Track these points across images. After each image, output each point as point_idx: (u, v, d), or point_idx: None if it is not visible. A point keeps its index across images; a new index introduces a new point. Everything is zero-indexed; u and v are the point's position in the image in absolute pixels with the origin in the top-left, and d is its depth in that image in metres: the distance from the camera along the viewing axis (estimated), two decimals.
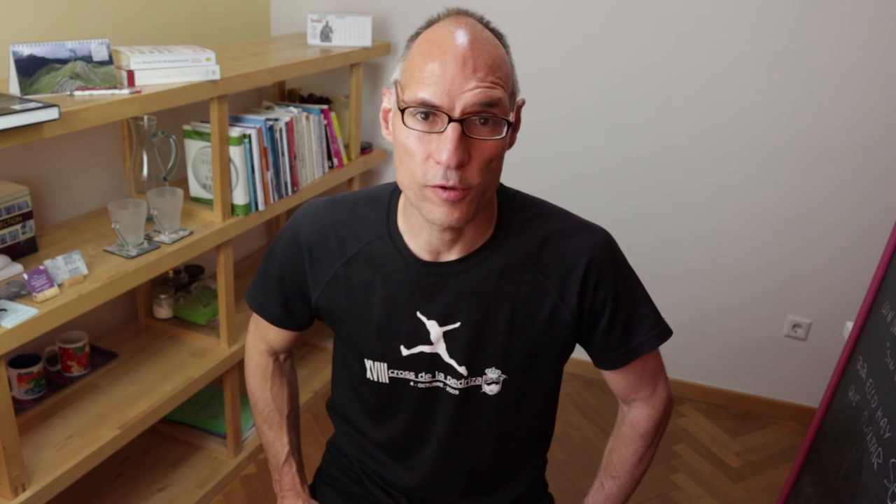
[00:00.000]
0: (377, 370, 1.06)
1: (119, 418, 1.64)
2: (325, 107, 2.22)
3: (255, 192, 1.90)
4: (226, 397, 2.01)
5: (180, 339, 1.99)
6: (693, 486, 2.16)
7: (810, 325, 2.37)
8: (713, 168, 2.29)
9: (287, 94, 2.49)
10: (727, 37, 2.15)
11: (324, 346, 2.62)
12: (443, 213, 0.87)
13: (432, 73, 0.83)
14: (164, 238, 1.70)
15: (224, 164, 1.79)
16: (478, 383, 1.04)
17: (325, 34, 2.29)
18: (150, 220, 1.68)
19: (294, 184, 2.06)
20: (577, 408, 2.48)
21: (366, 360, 1.07)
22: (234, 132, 1.82)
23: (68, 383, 1.74)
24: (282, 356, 1.22)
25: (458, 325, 1.00)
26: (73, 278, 1.47)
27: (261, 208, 1.93)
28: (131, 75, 1.55)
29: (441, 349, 1.02)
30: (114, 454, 1.62)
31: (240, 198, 1.86)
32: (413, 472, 1.13)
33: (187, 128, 1.87)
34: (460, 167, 0.84)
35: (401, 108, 0.87)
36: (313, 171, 2.17)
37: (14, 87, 1.40)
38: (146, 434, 1.81)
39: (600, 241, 1.02)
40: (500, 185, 1.01)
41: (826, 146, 2.16)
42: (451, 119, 0.83)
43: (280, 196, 2.01)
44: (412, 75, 0.85)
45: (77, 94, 1.44)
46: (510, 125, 0.87)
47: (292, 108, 2.09)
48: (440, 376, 1.04)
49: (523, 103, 0.95)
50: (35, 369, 1.65)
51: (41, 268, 1.41)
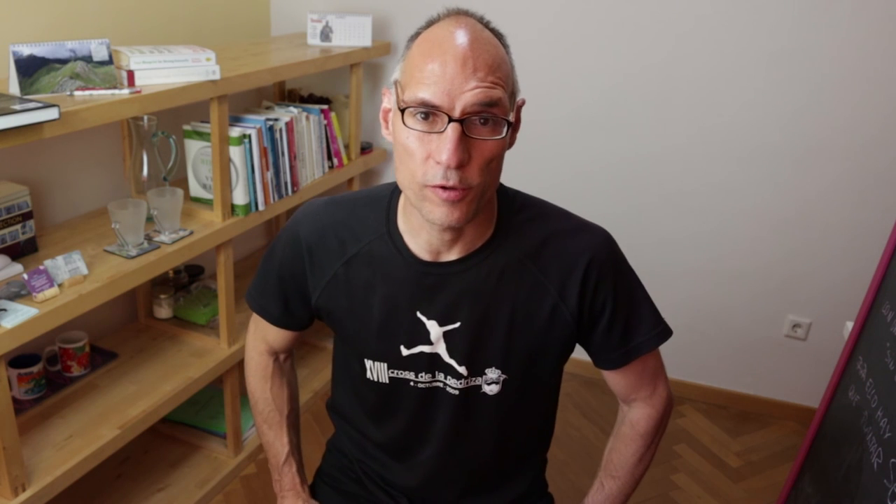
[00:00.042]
0: (377, 370, 1.06)
1: (119, 418, 1.64)
2: (325, 107, 2.22)
3: (255, 192, 1.90)
4: (226, 397, 2.01)
5: (180, 339, 1.99)
6: (693, 486, 2.16)
7: (810, 325, 2.37)
8: (713, 168, 2.30)
9: (287, 94, 2.49)
10: (727, 37, 2.15)
11: (324, 346, 2.62)
12: (443, 214, 0.87)
13: (432, 73, 0.83)
14: (164, 238, 1.70)
15: (224, 164, 1.79)
16: (478, 383, 1.04)
17: (325, 34, 2.29)
18: (150, 220, 1.68)
19: (294, 184, 2.06)
20: (577, 408, 2.48)
21: (366, 360, 1.06)
22: (234, 132, 1.82)
23: (68, 383, 1.74)
24: (282, 356, 1.22)
25: (458, 324, 1.00)
26: (73, 278, 1.47)
27: (261, 208, 1.93)
28: (131, 75, 1.55)
29: (441, 349, 1.02)
30: (114, 454, 1.62)
31: (240, 198, 1.86)
32: (413, 472, 1.13)
33: (187, 128, 1.87)
34: (460, 167, 0.84)
35: (401, 108, 0.87)
36: (313, 171, 2.17)
37: (14, 87, 1.40)
38: (146, 434, 1.81)
39: (600, 241, 1.02)
40: (501, 185, 1.00)
41: (826, 146, 2.16)
42: (451, 119, 0.83)
43: (280, 196, 2.01)
44: (412, 75, 0.85)
45: (77, 94, 1.44)
46: (510, 125, 0.87)
47: (292, 108, 2.09)
48: (440, 376, 1.04)
49: (523, 103, 0.95)
50: (35, 369, 1.65)
51: (41, 268, 1.41)
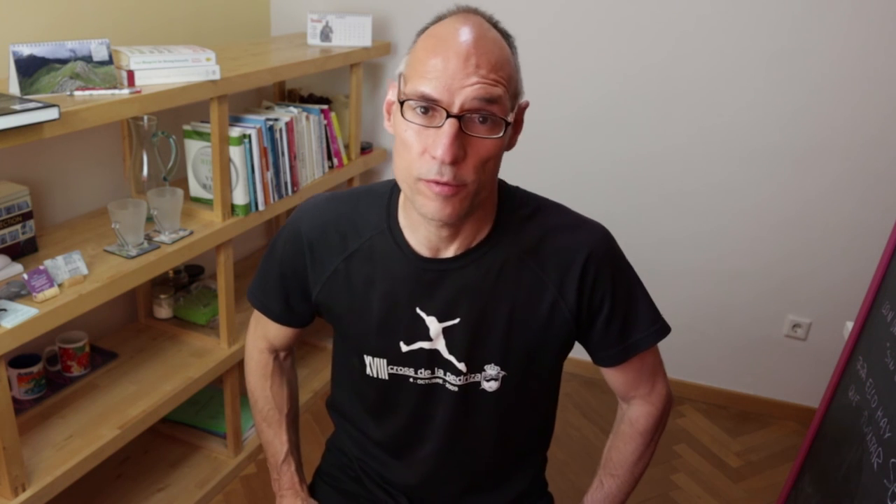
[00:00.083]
0: (377, 366, 1.06)
1: (119, 418, 1.64)
2: (325, 107, 2.22)
3: (255, 192, 1.90)
4: (226, 397, 2.01)
5: (180, 339, 1.99)
6: (693, 486, 2.16)
7: (810, 325, 2.37)
8: (713, 168, 2.30)
9: (287, 94, 2.49)
10: (727, 37, 2.15)
11: (324, 346, 2.62)
12: (435, 208, 0.88)
13: (434, 68, 0.84)
14: (164, 238, 1.70)
15: (224, 164, 1.79)
16: (477, 380, 1.04)
17: (325, 34, 2.29)
18: (150, 220, 1.68)
19: (294, 184, 2.06)
20: (577, 408, 2.48)
21: (365, 356, 1.07)
22: (234, 132, 1.82)
23: (68, 383, 1.74)
24: (282, 354, 1.22)
25: (457, 321, 1.01)
26: (73, 278, 1.47)
27: (261, 208, 1.93)
28: (131, 75, 1.55)
29: (440, 345, 1.02)
30: (114, 454, 1.62)
31: (240, 198, 1.86)
32: (412, 469, 1.13)
33: (187, 128, 1.87)
34: (455, 163, 0.85)
35: (400, 100, 0.87)
36: (313, 171, 2.17)
37: (14, 87, 1.40)
38: (146, 434, 1.81)
39: (598, 238, 1.02)
40: (501, 181, 1.01)
41: (826, 146, 2.16)
42: (449, 114, 0.83)
43: (280, 196, 2.01)
44: (415, 69, 0.86)
45: (77, 94, 1.44)
46: (508, 125, 0.88)
47: (292, 108, 2.09)
48: (439, 373, 1.04)
49: (527, 106, 0.95)
50: (35, 369, 1.65)
51: (41, 268, 1.41)
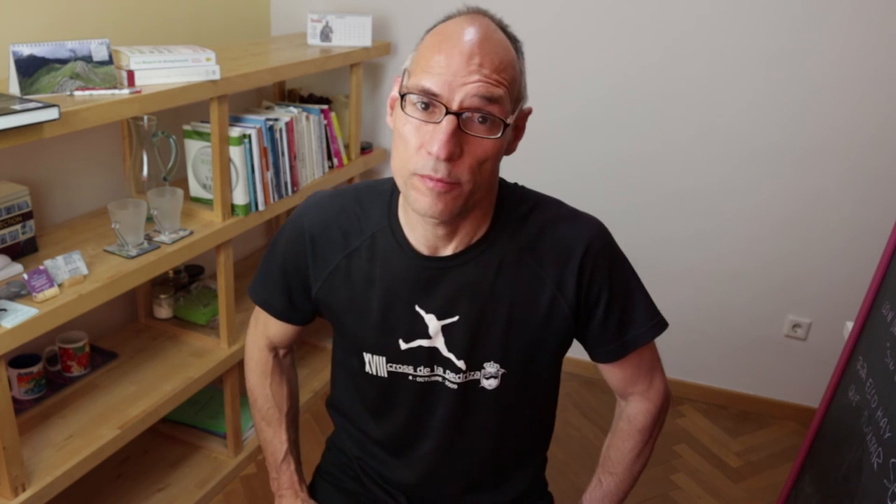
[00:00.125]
0: (376, 364, 1.07)
1: (119, 418, 1.64)
2: (325, 107, 2.22)
3: (255, 192, 1.90)
4: (226, 397, 2.01)
5: (180, 339, 1.99)
6: (693, 486, 2.16)
7: (810, 325, 2.37)
8: (713, 168, 2.30)
9: (287, 94, 2.49)
10: (727, 37, 2.15)
11: (324, 346, 2.62)
12: (427, 203, 0.88)
13: (437, 64, 0.85)
14: (164, 238, 1.70)
15: (224, 164, 1.79)
16: (476, 377, 1.04)
17: (325, 34, 2.29)
18: (150, 220, 1.68)
19: (294, 184, 2.06)
20: (577, 408, 2.48)
21: (364, 353, 1.07)
22: (234, 132, 1.82)
23: (68, 383, 1.74)
24: (282, 352, 1.22)
25: (456, 318, 1.01)
26: (73, 278, 1.47)
27: (261, 208, 1.93)
28: (131, 75, 1.55)
29: (439, 343, 1.02)
30: (114, 454, 1.62)
31: (240, 198, 1.86)
32: (412, 467, 1.13)
33: (187, 128, 1.87)
34: (450, 160, 0.85)
35: (401, 93, 0.88)
36: (313, 171, 2.17)
37: (14, 87, 1.40)
38: (146, 434, 1.81)
39: (596, 231, 1.02)
40: (500, 179, 1.01)
41: (826, 146, 2.16)
42: (448, 111, 0.84)
43: (280, 196, 2.01)
44: (419, 64, 0.87)
45: (77, 94, 1.44)
46: (507, 127, 0.88)
47: (292, 108, 2.09)
48: (438, 370, 1.05)
49: (529, 112, 0.96)
50: (35, 369, 1.65)
51: (41, 268, 1.41)
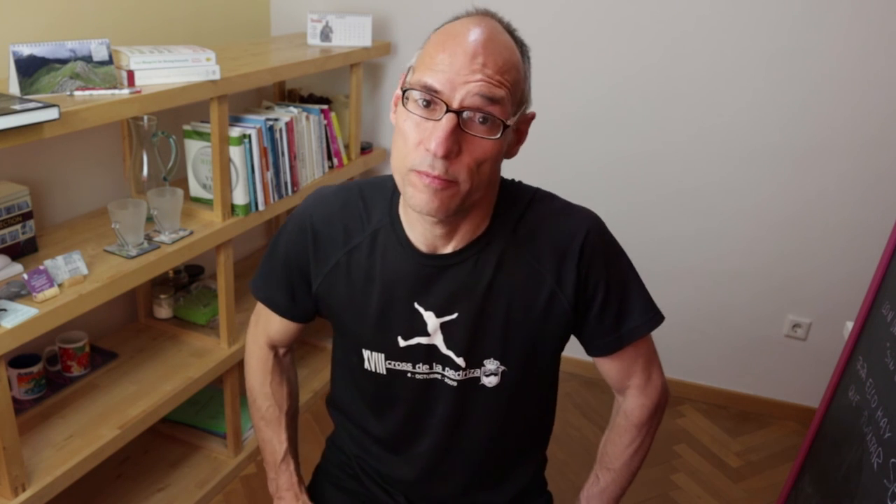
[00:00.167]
0: (375, 360, 1.07)
1: (119, 418, 1.64)
2: (325, 107, 2.22)
3: (255, 192, 1.90)
4: (226, 397, 2.01)
5: (180, 339, 1.99)
6: (693, 486, 2.16)
7: (810, 325, 2.37)
8: (713, 168, 2.30)
9: (287, 94, 2.49)
10: (727, 37, 2.15)
11: (323, 346, 2.62)
12: (423, 200, 0.88)
13: (441, 62, 0.85)
14: (164, 238, 1.70)
15: (224, 164, 1.79)
16: (476, 375, 1.04)
17: (325, 34, 2.29)
18: (150, 220, 1.68)
19: (294, 184, 2.06)
20: (577, 408, 2.48)
21: (363, 350, 1.07)
22: (234, 132, 1.82)
23: (68, 383, 1.74)
24: (282, 351, 1.22)
25: (455, 316, 1.01)
26: (73, 278, 1.47)
27: (261, 208, 1.93)
28: (131, 75, 1.55)
29: (438, 340, 1.02)
30: (114, 454, 1.62)
31: (240, 198, 1.86)
32: (411, 464, 1.13)
33: (187, 128, 1.87)
34: (448, 157, 0.85)
35: (403, 89, 0.89)
36: (313, 171, 2.17)
37: (14, 87, 1.40)
38: (146, 434, 1.81)
39: (592, 224, 1.03)
40: (501, 177, 1.01)
41: (826, 146, 2.16)
42: (448, 109, 0.84)
43: (280, 196, 2.01)
44: (423, 61, 0.88)
45: (77, 94, 1.44)
46: (507, 128, 0.88)
47: (292, 108, 2.09)
48: (437, 368, 1.05)
49: (532, 117, 0.96)
50: (35, 369, 1.65)
51: (41, 268, 1.41)
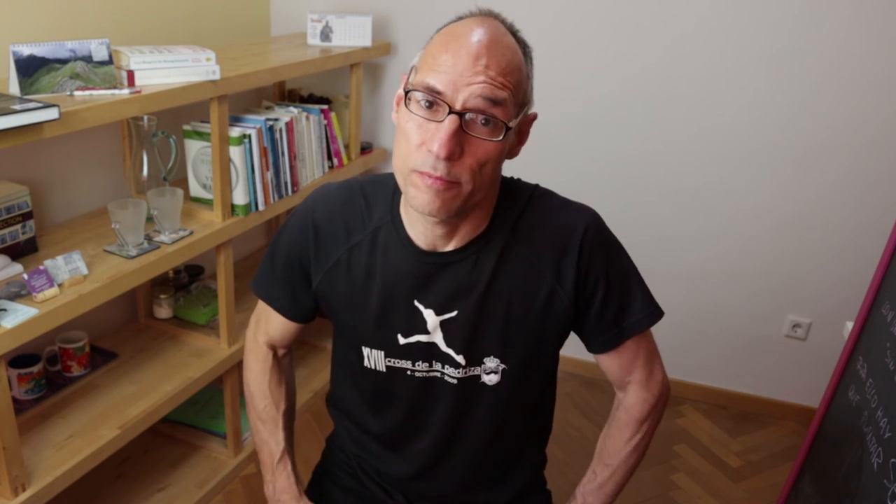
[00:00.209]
0: (374, 358, 1.07)
1: (119, 418, 1.64)
2: (325, 107, 2.22)
3: (255, 192, 1.90)
4: (226, 397, 2.01)
5: (180, 339, 1.99)
6: (693, 486, 2.16)
7: (810, 325, 2.37)
8: (713, 168, 2.30)
9: (287, 94, 2.49)
10: (727, 37, 2.15)
11: (323, 346, 2.62)
12: (425, 200, 0.88)
13: (444, 63, 0.85)
14: (164, 238, 1.70)
15: (224, 164, 1.79)
16: (476, 373, 1.05)
17: (325, 34, 2.29)
18: (150, 220, 1.68)
19: (294, 184, 2.06)
20: (577, 408, 2.48)
21: (363, 348, 1.07)
22: (234, 132, 1.82)
23: (68, 383, 1.74)
24: (281, 352, 1.22)
25: (454, 314, 1.01)
26: (73, 278, 1.47)
27: (261, 208, 1.93)
28: (131, 75, 1.55)
29: (438, 338, 1.03)
30: (114, 454, 1.62)
31: (240, 198, 1.86)
32: (409, 462, 1.13)
33: (187, 128, 1.87)
34: (450, 159, 0.85)
35: (406, 90, 0.89)
36: (313, 171, 2.17)
37: (14, 87, 1.40)
38: (146, 434, 1.81)
39: (590, 219, 1.03)
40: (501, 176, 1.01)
41: (826, 146, 2.16)
42: (451, 110, 0.84)
43: (280, 196, 2.01)
44: (426, 62, 0.88)
45: (77, 94, 1.44)
46: (509, 130, 0.88)
47: (292, 108, 2.09)
48: (437, 365, 1.05)
49: (534, 118, 0.96)
50: (35, 369, 1.65)
51: (41, 268, 1.41)
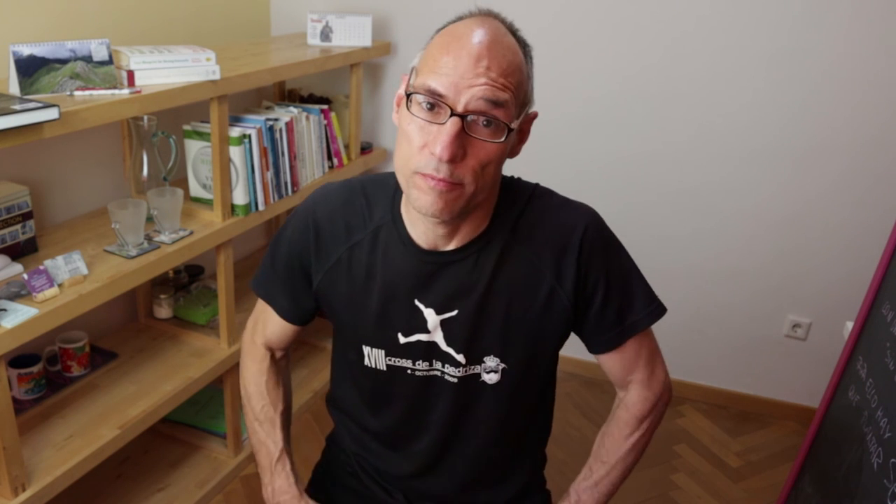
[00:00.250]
0: (375, 357, 1.07)
1: (119, 418, 1.64)
2: (325, 107, 2.22)
3: (255, 192, 1.90)
4: (226, 397, 2.01)
5: (180, 339, 1.99)
6: (693, 486, 2.16)
7: (810, 325, 2.37)
8: (713, 167, 2.30)
9: (287, 94, 2.49)
10: (727, 37, 2.15)
11: (323, 346, 2.62)
12: (428, 202, 0.88)
13: (445, 65, 0.85)
14: (164, 238, 1.70)
15: (224, 164, 1.79)
16: (477, 372, 1.05)
17: (325, 34, 2.29)
18: (150, 220, 1.68)
19: (294, 184, 2.06)
20: (577, 408, 2.48)
21: (363, 346, 1.07)
22: (234, 132, 1.82)
23: (68, 383, 1.74)
24: (278, 353, 1.22)
25: (455, 313, 1.01)
26: (73, 278, 1.47)
27: (261, 208, 1.93)
28: (131, 75, 1.55)
29: (438, 337, 1.03)
30: (114, 454, 1.62)
31: (240, 198, 1.86)
32: (409, 460, 1.13)
33: (187, 128, 1.87)
34: (453, 161, 0.85)
35: (407, 92, 0.88)
36: (313, 171, 2.17)
37: (14, 87, 1.40)
38: (146, 434, 1.81)
39: (590, 218, 1.03)
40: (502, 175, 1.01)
41: (826, 146, 2.16)
42: (453, 112, 0.84)
43: (280, 196, 2.01)
44: (427, 64, 0.88)
45: (77, 94, 1.44)
46: (511, 132, 0.88)
47: (292, 108, 2.09)
48: (437, 364, 1.05)
49: (534, 116, 0.96)
50: (35, 369, 1.65)
51: (41, 268, 1.41)
